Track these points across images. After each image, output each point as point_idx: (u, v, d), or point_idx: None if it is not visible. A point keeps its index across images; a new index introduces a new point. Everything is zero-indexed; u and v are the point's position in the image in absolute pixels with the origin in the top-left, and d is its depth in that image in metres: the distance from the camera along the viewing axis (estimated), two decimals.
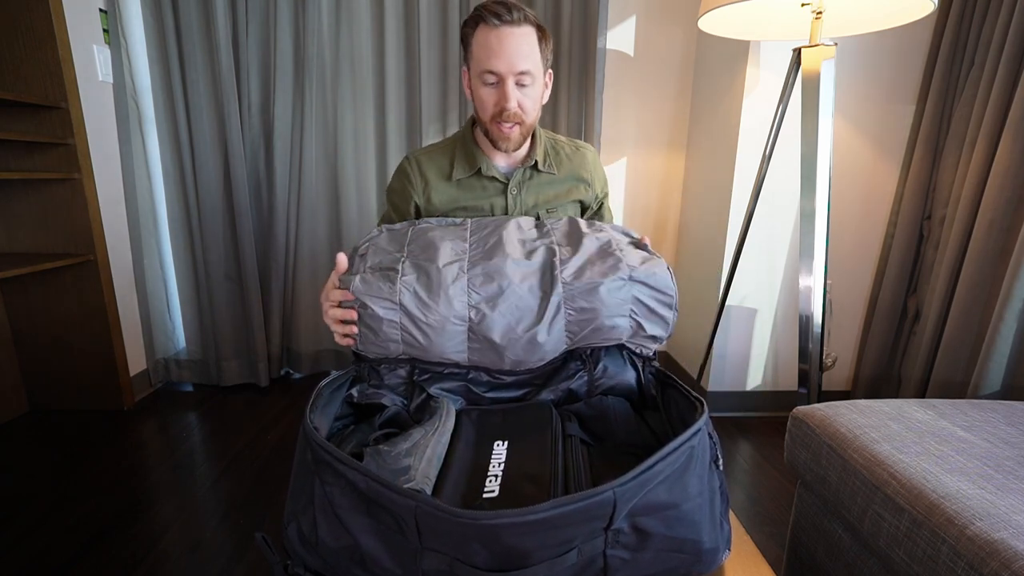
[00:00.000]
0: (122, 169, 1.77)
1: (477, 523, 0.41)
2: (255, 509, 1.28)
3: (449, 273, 0.68)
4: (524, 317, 0.68)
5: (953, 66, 1.50)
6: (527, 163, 0.95)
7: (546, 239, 0.76)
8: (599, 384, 0.74)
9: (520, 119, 0.87)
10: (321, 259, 1.97)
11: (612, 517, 0.44)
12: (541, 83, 0.89)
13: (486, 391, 0.75)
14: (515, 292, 0.67)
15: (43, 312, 1.69)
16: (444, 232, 0.78)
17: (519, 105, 0.85)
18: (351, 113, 1.85)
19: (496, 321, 0.67)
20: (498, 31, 0.81)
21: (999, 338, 1.26)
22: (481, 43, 0.83)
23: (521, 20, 0.81)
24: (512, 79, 0.83)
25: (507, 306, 0.67)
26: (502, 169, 0.96)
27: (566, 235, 0.77)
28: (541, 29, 0.85)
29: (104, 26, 1.68)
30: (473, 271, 0.69)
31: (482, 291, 0.67)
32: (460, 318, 0.67)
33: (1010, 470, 0.72)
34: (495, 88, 0.85)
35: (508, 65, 0.82)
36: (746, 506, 1.34)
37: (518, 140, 0.89)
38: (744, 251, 1.58)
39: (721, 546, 0.52)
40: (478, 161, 0.93)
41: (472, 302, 0.67)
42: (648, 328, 0.70)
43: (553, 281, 0.68)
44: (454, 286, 0.67)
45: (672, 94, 1.94)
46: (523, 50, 0.82)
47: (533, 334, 0.67)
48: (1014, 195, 1.30)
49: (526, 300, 0.68)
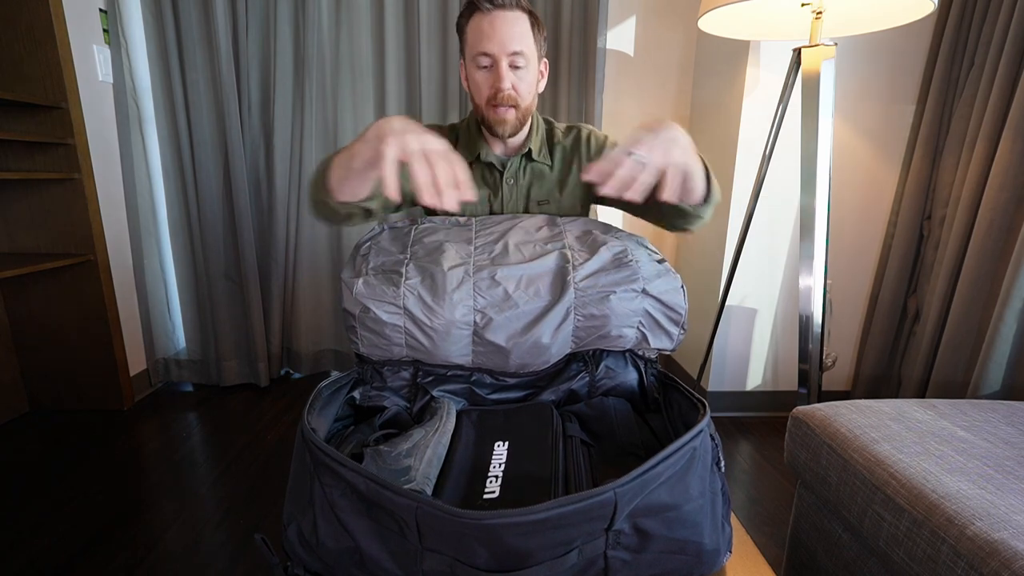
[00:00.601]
0: (122, 169, 1.77)
1: (478, 523, 0.41)
2: (255, 509, 1.28)
3: (454, 276, 0.67)
4: (531, 321, 0.67)
5: (953, 66, 1.50)
6: (522, 151, 0.95)
7: (558, 241, 0.75)
8: (600, 385, 0.74)
9: (515, 101, 0.86)
10: (321, 259, 1.97)
11: (613, 518, 0.44)
12: (535, 69, 0.89)
13: (489, 393, 0.75)
14: (522, 296, 0.67)
15: (43, 312, 1.69)
16: (448, 232, 0.78)
17: (513, 87, 0.85)
18: (351, 113, 1.85)
19: (502, 325, 0.66)
20: (491, 15, 0.82)
21: (999, 338, 1.26)
22: (474, 29, 0.84)
23: (513, 5, 0.83)
24: (505, 60, 0.84)
25: (514, 311, 0.67)
26: (500, 158, 0.96)
27: (579, 238, 0.77)
28: (534, 15, 0.86)
29: (104, 26, 1.68)
30: (479, 274, 0.68)
31: (488, 295, 0.67)
32: (465, 322, 0.67)
33: (1010, 470, 0.72)
34: (489, 71, 0.86)
35: (501, 46, 0.82)
36: (746, 506, 1.34)
37: (514, 124, 0.89)
38: (744, 251, 1.58)
39: (722, 548, 0.52)
40: (478, 147, 0.94)
41: (478, 306, 0.67)
42: (653, 341, 0.71)
43: (565, 286, 0.68)
44: (459, 290, 0.67)
45: (672, 94, 1.94)
46: (515, 32, 0.83)
47: (539, 338, 0.67)
48: (1014, 195, 1.30)
49: (533, 304, 0.67)
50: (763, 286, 1.73)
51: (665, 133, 0.62)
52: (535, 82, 0.90)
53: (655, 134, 0.62)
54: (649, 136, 0.61)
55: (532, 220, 0.83)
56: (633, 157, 0.59)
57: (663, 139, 0.61)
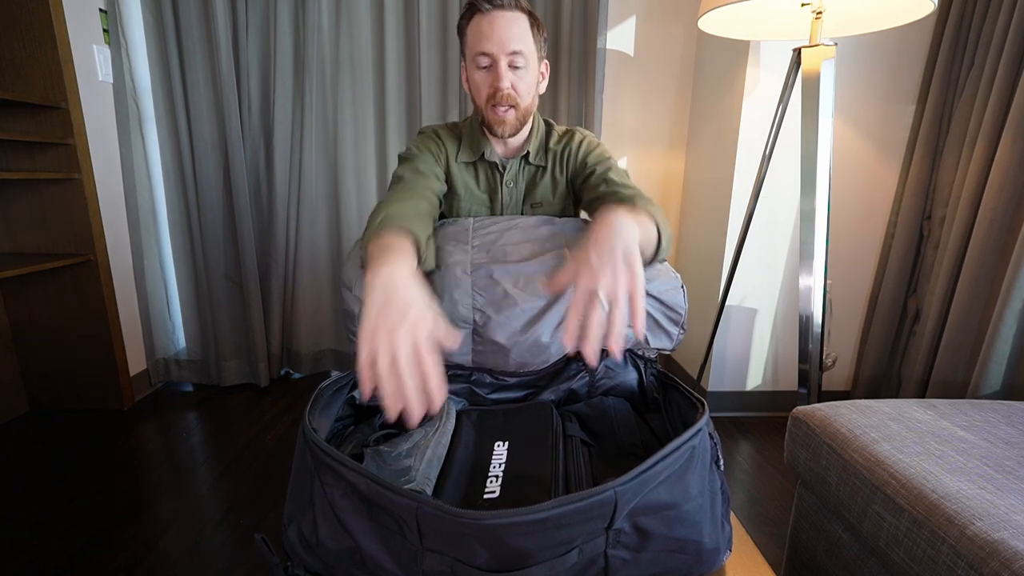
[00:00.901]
0: (122, 169, 1.77)
1: (479, 523, 0.41)
2: (255, 509, 1.28)
3: (453, 275, 0.68)
4: (530, 320, 0.67)
5: (953, 66, 1.50)
6: (521, 153, 0.95)
7: (556, 241, 0.75)
8: (600, 385, 0.74)
9: (514, 101, 0.86)
10: (321, 259, 1.97)
11: (613, 517, 0.44)
12: (535, 69, 0.89)
13: (489, 393, 0.75)
14: (521, 294, 0.67)
15: (43, 312, 1.69)
16: (447, 232, 0.78)
17: (513, 87, 0.85)
18: (351, 113, 1.85)
19: (501, 324, 0.66)
20: (490, 15, 0.82)
21: (999, 338, 1.26)
22: (474, 29, 0.84)
23: (512, 5, 0.83)
24: (504, 60, 0.83)
25: (513, 309, 0.67)
26: (501, 159, 0.96)
27: (578, 238, 0.77)
28: (533, 16, 0.86)
29: (104, 26, 1.68)
30: (477, 273, 0.69)
31: (486, 294, 0.67)
32: (465, 321, 0.67)
33: (1010, 470, 0.72)
34: (488, 71, 0.86)
35: (499, 45, 0.82)
36: (746, 506, 1.34)
37: (514, 124, 0.89)
38: (744, 251, 1.58)
39: (722, 547, 0.52)
40: (482, 146, 0.94)
41: (477, 305, 0.67)
42: (652, 341, 0.71)
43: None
44: (458, 290, 0.67)
45: (672, 94, 1.94)
46: (515, 32, 0.83)
47: (539, 336, 0.67)
48: (1014, 195, 1.30)
49: (533, 303, 0.67)
50: (763, 286, 1.73)
51: (605, 246, 0.56)
52: (535, 83, 0.90)
53: (598, 255, 0.55)
54: (593, 259, 0.54)
55: (530, 220, 0.83)
56: (598, 300, 0.52)
57: (607, 256, 0.54)
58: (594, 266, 0.54)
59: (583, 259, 0.56)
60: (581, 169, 0.94)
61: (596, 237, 0.58)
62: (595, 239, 0.57)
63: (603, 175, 0.89)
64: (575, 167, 0.96)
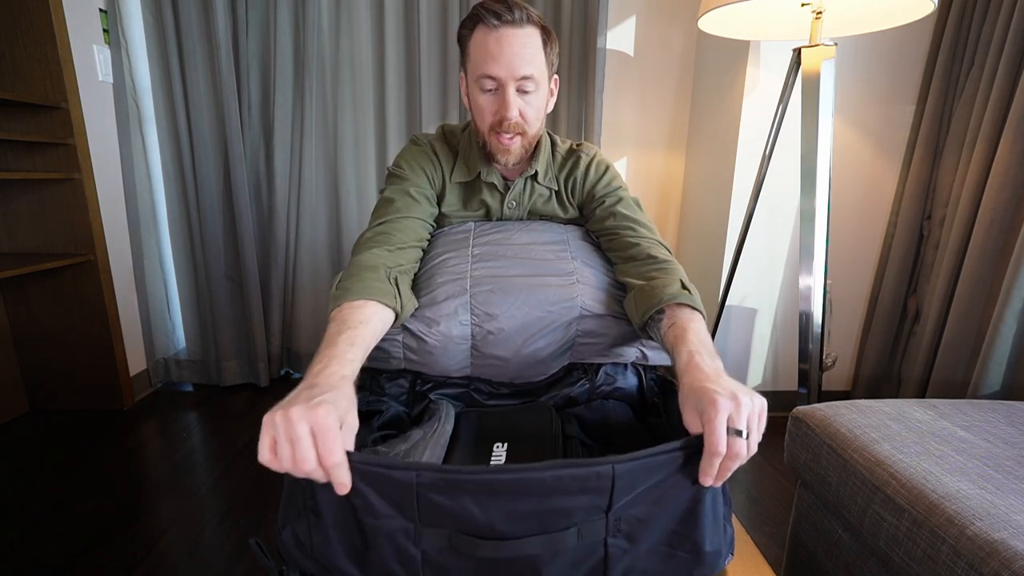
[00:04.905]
0: (122, 169, 1.77)
1: (476, 478, 0.42)
2: (254, 509, 1.28)
3: (451, 290, 0.67)
4: (531, 335, 0.66)
5: (953, 66, 1.50)
6: (526, 172, 0.86)
7: (563, 253, 0.74)
8: (600, 391, 0.74)
9: (521, 129, 0.77)
10: (321, 259, 1.97)
11: (611, 498, 0.44)
12: (545, 90, 0.80)
13: (487, 398, 0.75)
14: (521, 310, 0.66)
15: (43, 312, 1.69)
16: (446, 243, 0.77)
17: (521, 114, 0.77)
18: (351, 113, 1.85)
19: (501, 339, 0.66)
20: (497, 32, 0.72)
21: (999, 338, 1.26)
22: (479, 45, 0.74)
23: (523, 20, 0.73)
24: (513, 85, 0.74)
25: (513, 325, 0.66)
26: (501, 177, 0.88)
27: (582, 248, 0.76)
28: (546, 30, 0.76)
29: (104, 26, 1.67)
30: (476, 288, 0.67)
31: (486, 308, 0.66)
32: (463, 336, 0.66)
33: (1010, 470, 0.72)
34: (494, 95, 0.76)
35: (508, 69, 0.73)
36: (746, 506, 1.34)
37: (519, 153, 0.80)
38: (744, 251, 1.58)
39: (724, 550, 0.52)
40: (478, 167, 0.85)
41: (476, 320, 0.66)
42: (652, 358, 0.71)
43: (572, 304, 0.67)
44: (458, 304, 0.66)
45: (672, 94, 1.94)
46: (525, 53, 0.73)
47: (538, 351, 0.66)
48: (1014, 195, 1.30)
49: (533, 316, 0.66)
50: (763, 286, 1.72)
51: (732, 388, 0.50)
52: (544, 106, 0.81)
53: (733, 398, 0.48)
54: (728, 401, 0.48)
55: (533, 224, 0.82)
56: (738, 435, 0.47)
57: (734, 395, 0.49)
58: (723, 407, 0.47)
59: (708, 404, 0.48)
60: (589, 200, 0.88)
61: (704, 390, 0.51)
62: (706, 394, 0.50)
63: (611, 208, 0.84)
64: (582, 197, 0.90)
